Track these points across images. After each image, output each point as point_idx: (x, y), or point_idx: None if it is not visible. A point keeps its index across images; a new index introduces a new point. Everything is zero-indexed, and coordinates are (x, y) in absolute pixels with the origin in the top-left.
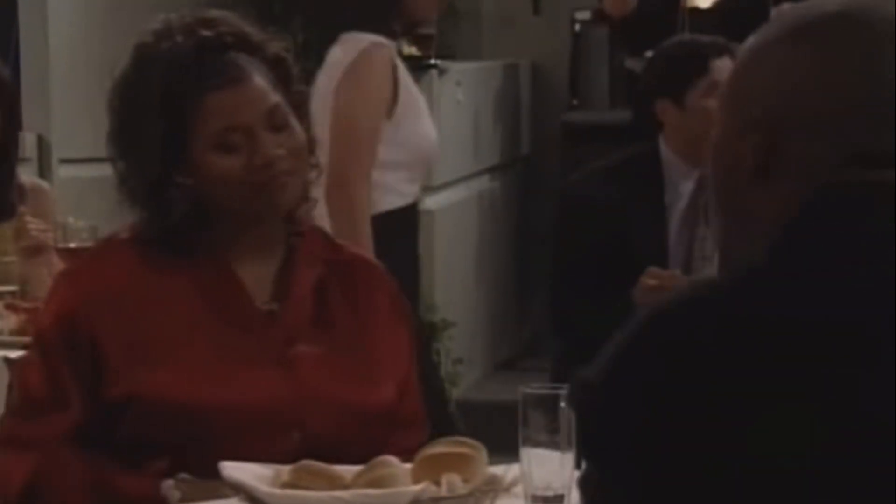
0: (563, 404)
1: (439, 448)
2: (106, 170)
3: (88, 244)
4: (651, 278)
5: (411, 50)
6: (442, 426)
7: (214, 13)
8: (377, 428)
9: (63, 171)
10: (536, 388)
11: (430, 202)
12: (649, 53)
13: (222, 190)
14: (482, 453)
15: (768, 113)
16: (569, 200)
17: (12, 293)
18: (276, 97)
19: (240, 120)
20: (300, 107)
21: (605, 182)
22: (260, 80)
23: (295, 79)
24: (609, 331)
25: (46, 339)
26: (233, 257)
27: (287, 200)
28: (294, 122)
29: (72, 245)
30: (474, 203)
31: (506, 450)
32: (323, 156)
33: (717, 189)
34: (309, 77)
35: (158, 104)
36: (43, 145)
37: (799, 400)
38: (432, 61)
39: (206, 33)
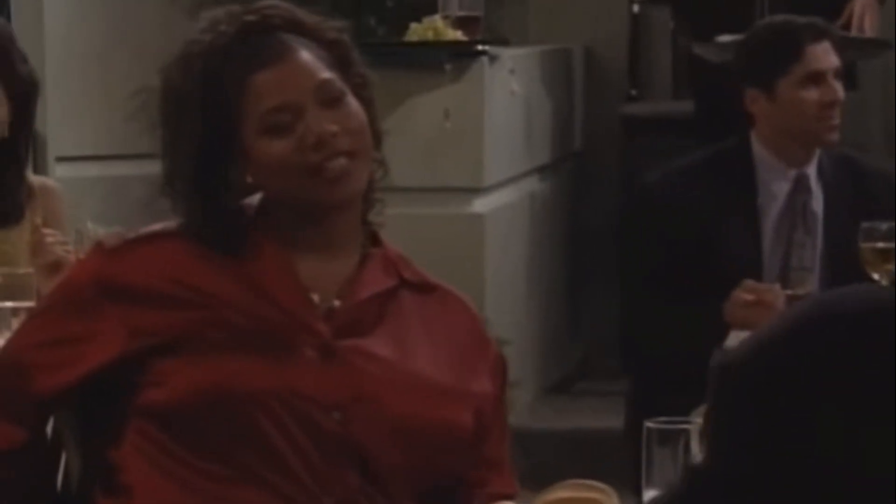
0: (692, 440)
1: (564, 492)
2: (107, 168)
3: None
4: (747, 293)
5: (456, 34)
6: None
7: (264, 2)
8: (439, 450)
9: (60, 170)
10: (662, 422)
11: (480, 205)
12: (722, 37)
13: (276, 178)
14: (613, 498)
15: None
16: (647, 203)
17: (29, 310)
18: (327, 73)
19: (286, 97)
20: (362, 91)
21: (689, 182)
22: (308, 55)
23: (355, 62)
24: (695, 350)
25: (74, 287)
26: (296, 253)
27: (348, 188)
28: (352, 101)
29: None
30: (525, 205)
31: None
32: None
33: None
34: None
35: (200, 93)
36: (37, 142)
37: None
38: (481, 47)
39: (250, 18)
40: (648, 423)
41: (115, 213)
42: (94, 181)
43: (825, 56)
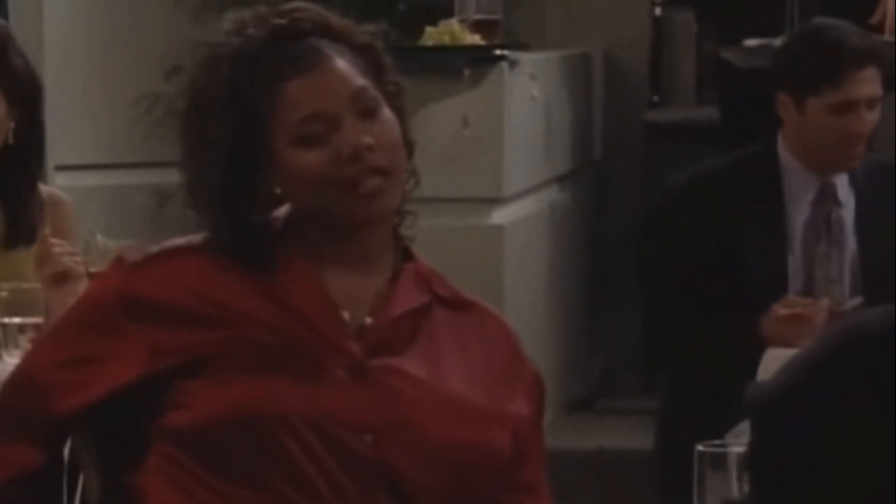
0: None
1: None
2: (108, 177)
3: None
4: (787, 307)
5: (474, 38)
6: None
7: (291, 4)
8: (475, 474)
9: (60, 180)
10: (713, 445)
11: (499, 216)
12: (750, 41)
13: (307, 190)
14: None
15: None
16: (668, 205)
17: (36, 326)
18: (362, 80)
19: (321, 106)
20: (395, 100)
21: (712, 186)
22: (343, 63)
23: (388, 68)
24: (724, 364)
25: (94, 304)
26: (325, 268)
27: (382, 205)
28: (387, 112)
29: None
30: (545, 216)
31: None
32: None
33: None
34: None
35: (227, 99)
36: None
37: None
38: (500, 52)
39: (279, 21)
40: (700, 447)
41: (117, 225)
42: (94, 191)
43: (863, 86)
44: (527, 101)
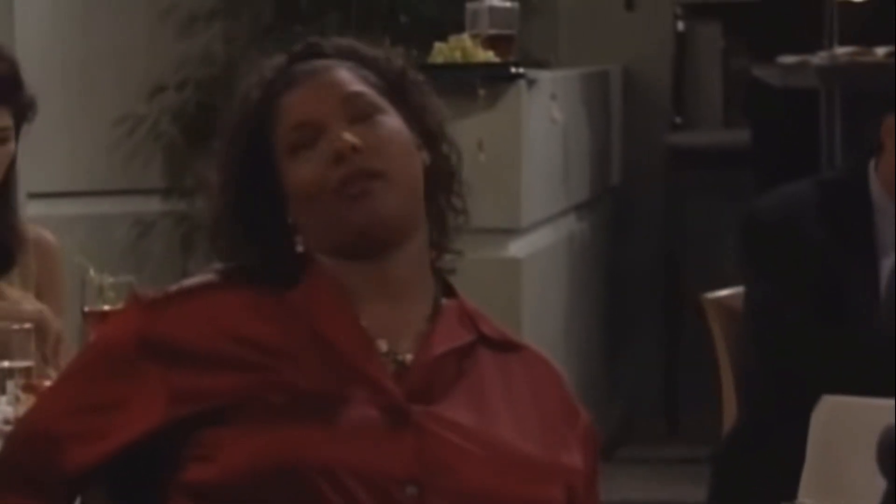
0: None
1: None
2: (85, 206)
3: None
4: None
5: (487, 55)
6: None
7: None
8: None
9: (32, 208)
10: None
11: (516, 248)
12: (785, 58)
13: (305, 209)
14: None
15: None
16: (758, 228)
17: (27, 370)
18: (360, 87)
19: (308, 113)
20: (421, 124)
21: (801, 213)
22: (344, 73)
23: (413, 91)
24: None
25: (110, 346)
26: (356, 299)
27: (372, 209)
28: (388, 119)
29: (106, 308)
30: (563, 248)
31: None
32: None
33: None
34: None
35: (240, 126)
36: None
37: None
38: (518, 69)
39: (297, 48)
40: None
41: (94, 258)
42: (70, 220)
43: None
44: (545, 123)
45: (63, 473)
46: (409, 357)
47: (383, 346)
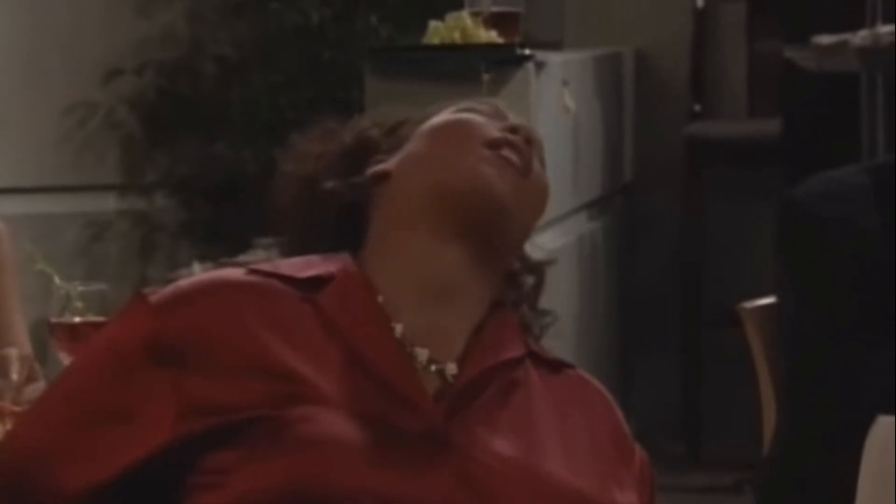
0: None
1: None
2: (32, 205)
3: (99, 318)
4: None
5: (490, 35)
6: None
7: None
8: None
9: None
10: None
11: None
12: (821, 38)
13: (425, 155)
14: None
15: None
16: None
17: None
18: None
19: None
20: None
21: (850, 200)
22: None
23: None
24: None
25: (114, 351)
26: (396, 304)
27: (515, 187)
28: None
29: (76, 319)
30: (573, 251)
31: None
32: None
33: None
34: None
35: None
36: None
37: None
38: (524, 51)
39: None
40: None
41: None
42: (17, 219)
43: None
44: (556, 111)
45: (55, 497)
46: (451, 367)
47: (423, 354)
